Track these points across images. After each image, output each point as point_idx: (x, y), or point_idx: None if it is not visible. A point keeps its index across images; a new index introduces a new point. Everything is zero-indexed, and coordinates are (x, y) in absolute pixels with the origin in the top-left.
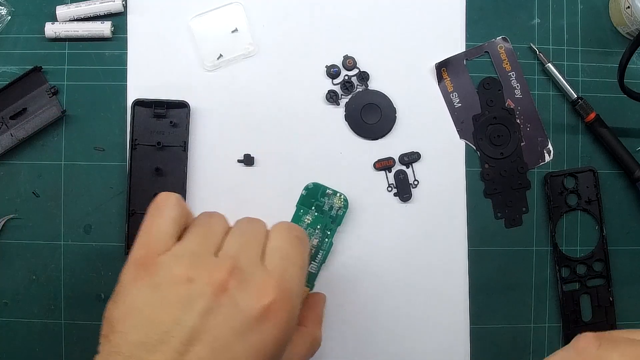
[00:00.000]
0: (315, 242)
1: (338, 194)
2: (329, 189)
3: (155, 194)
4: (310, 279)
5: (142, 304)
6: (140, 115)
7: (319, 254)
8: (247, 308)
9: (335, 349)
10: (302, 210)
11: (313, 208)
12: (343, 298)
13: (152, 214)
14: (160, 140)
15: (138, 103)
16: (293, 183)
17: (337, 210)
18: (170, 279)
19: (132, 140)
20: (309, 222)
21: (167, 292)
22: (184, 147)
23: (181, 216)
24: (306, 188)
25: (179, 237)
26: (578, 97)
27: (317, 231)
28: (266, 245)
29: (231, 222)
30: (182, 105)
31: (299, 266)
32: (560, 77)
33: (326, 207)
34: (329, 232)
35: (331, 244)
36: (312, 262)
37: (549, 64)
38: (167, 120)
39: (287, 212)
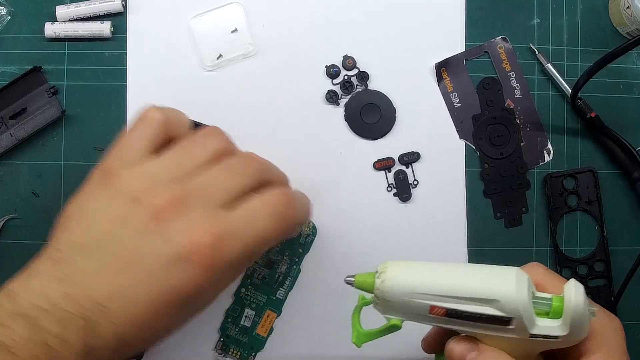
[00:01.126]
0: (283, 269)
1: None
2: None
3: None
4: (278, 305)
5: (93, 209)
6: None
7: (287, 281)
8: (174, 243)
9: (335, 348)
10: None
11: None
12: (342, 297)
13: (134, 125)
14: None
15: None
16: (292, 183)
17: (306, 237)
18: (122, 194)
19: None
20: (277, 249)
21: (115, 206)
22: None
23: (162, 134)
24: None
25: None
26: (578, 97)
27: (285, 258)
28: (250, 195)
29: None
30: None
31: (259, 239)
32: (559, 77)
33: (295, 235)
34: (297, 259)
35: (299, 270)
36: (280, 288)
37: (549, 65)
38: None
39: None
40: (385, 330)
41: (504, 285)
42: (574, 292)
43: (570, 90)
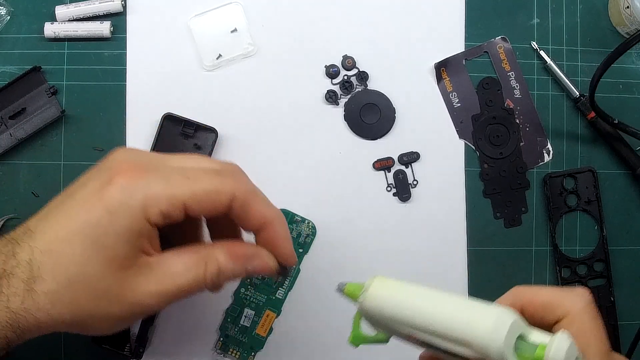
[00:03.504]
0: None
1: (306, 221)
2: (298, 215)
3: None
4: (278, 305)
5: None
6: (167, 130)
7: (286, 281)
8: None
9: (334, 348)
10: None
11: None
12: (341, 297)
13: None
14: None
15: (168, 117)
16: (292, 183)
17: (305, 237)
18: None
19: (152, 150)
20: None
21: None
22: None
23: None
24: None
25: None
26: (580, 95)
27: None
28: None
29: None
30: (211, 131)
31: (185, 185)
32: (562, 74)
33: (294, 234)
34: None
35: (299, 270)
36: (280, 288)
37: (551, 62)
38: (193, 141)
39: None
40: (374, 340)
41: (480, 328)
42: (552, 350)
43: (573, 88)
